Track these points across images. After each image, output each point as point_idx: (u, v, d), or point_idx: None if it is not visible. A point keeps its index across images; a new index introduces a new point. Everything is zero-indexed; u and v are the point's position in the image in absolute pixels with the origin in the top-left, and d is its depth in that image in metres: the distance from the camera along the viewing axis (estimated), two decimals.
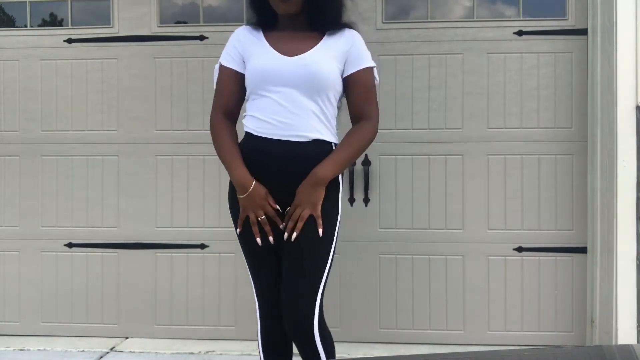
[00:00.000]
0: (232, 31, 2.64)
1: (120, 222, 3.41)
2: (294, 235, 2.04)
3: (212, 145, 3.50)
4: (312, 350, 2.06)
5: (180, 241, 3.39)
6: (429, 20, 3.30)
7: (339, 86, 2.12)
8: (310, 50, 2.09)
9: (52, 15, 3.50)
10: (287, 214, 2.07)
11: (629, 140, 2.96)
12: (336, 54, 2.10)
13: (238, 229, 2.14)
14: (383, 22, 3.30)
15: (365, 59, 2.15)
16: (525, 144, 3.26)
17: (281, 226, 2.08)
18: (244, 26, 2.23)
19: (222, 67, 2.18)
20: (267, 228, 2.06)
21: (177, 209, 3.39)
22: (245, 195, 2.05)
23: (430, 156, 3.29)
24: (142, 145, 3.40)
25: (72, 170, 3.43)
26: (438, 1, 3.32)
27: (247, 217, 2.09)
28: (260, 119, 2.08)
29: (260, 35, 2.15)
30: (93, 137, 3.42)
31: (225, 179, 3.31)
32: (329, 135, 2.12)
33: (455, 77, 3.28)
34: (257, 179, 2.06)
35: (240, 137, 2.18)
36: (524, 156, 3.26)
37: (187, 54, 3.37)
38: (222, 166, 3.30)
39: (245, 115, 2.17)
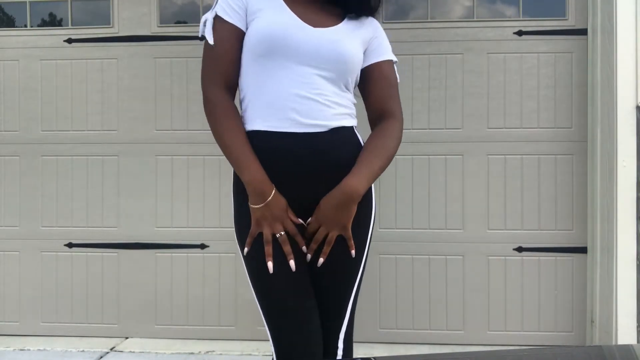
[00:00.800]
0: None
1: (120, 222, 3.41)
2: (320, 261, 1.64)
3: (212, 145, 3.51)
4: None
5: (180, 241, 3.39)
6: (429, 20, 3.30)
7: (357, 75, 1.76)
8: (336, 26, 1.70)
9: (52, 15, 3.50)
10: (307, 230, 1.66)
11: (629, 140, 2.96)
12: (360, 39, 1.73)
13: (246, 248, 1.66)
14: (383, 22, 3.29)
15: (389, 51, 1.81)
16: (525, 144, 3.26)
17: (304, 248, 1.66)
18: None
19: (220, 20, 1.66)
20: (287, 248, 1.61)
21: (177, 209, 3.39)
22: (262, 205, 1.60)
23: (430, 156, 3.29)
24: (142, 145, 3.40)
25: (72, 170, 3.43)
26: (438, 1, 3.32)
27: (260, 234, 1.64)
28: (266, 105, 1.64)
29: None
30: (93, 137, 3.42)
31: (226, 178, 3.34)
32: (350, 119, 1.72)
33: (455, 77, 3.28)
34: (276, 182, 1.64)
35: None
36: (524, 156, 3.26)
37: (187, 54, 3.37)
38: (222, 166, 3.34)
39: (242, 100, 1.72)
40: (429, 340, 3.29)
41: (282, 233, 1.62)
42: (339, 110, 1.68)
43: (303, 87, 1.63)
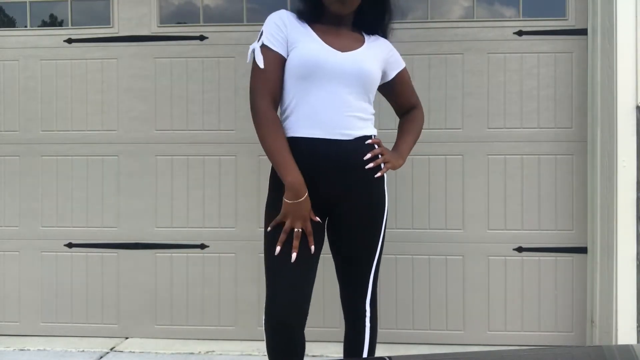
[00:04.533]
0: (232, 31, 2.62)
1: (120, 222, 3.41)
2: (370, 165, 2.06)
3: (211, 145, 3.51)
4: (361, 325, 2.17)
5: (180, 241, 3.39)
6: (429, 20, 3.30)
7: (376, 87, 2.18)
8: (360, 49, 2.09)
9: (52, 15, 3.50)
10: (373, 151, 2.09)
11: (629, 140, 2.96)
12: (379, 57, 2.15)
13: (269, 228, 2.03)
14: None
15: (402, 60, 2.30)
16: (526, 144, 3.26)
17: (312, 247, 2.01)
18: (284, 10, 2.11)
19: (266, 49, 2.03)
20: (296, 243, 1.97)
21: (177, 209, 3.39)
22: (294, 202, 1.96)
23: (430, 156, 3.29)
24: (142, 145, 3.40)
25: (72, 170, 3.43)
26: (438, 1, 3.32)
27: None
28: (304, 116, 2.01)
29: (305, 24, 2.08)
30: (93, 137, 3.42)
31: (226, 178, 3.34)
32: (371, 128, 2.13)
33: (455, 77, 3.28)
34: (307, 180, 1.99)
35: None
36: (524, 156, 3.26)
37: (187, 54, 3.37)
38: (222, 166, 3.34)
39: (283, 111, 2.09)
40: (429, 340, 3.29)
41: (300, 229, 1.97)
42: (363, 122, 2.08)
43: (334, 102, 2.01)
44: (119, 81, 3.41)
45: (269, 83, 2.02)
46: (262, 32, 2.07)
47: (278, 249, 1.98)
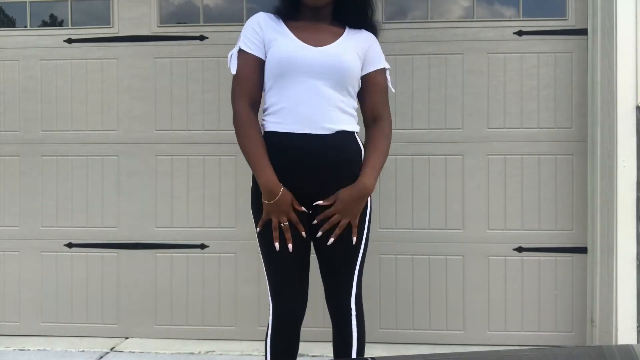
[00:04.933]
0: (232, 31, 2.63)
1: (120, 222, 3.41)
2: (331, 240, 2.06)
3: (211, 145, 3.51)
4: (347, 325, 2.16)
5: (180, 241, 3.39)
6: (429, 20, 3.30)
7: (358, 81, 2.14)
8: (335, 42, 2.10)
9: (52, 15, 3.50)
10: (323, 213, 2.06)
11: (629, 140, 2.96)
12: (358, 50, 2.12)
13: (258, 228, 2.11)
14: (383, 22, 3.30)
15: (382, 60, 2.19)
16: (525, 144, 3.26)
17: (314, 222, 2.07)
18: (262, 12, 2.17)
19: (243, 53, 2.11)
20: (288, 235, 2.05)
21: (177, 209, 3.39)
22: (272, 202, 2.02)
23: (430, 156, 3.29)
24: (142, 145, 3.40)
25: (72, 170, 3.43)
26: (438, 1, 3.32)
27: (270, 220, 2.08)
28: (286, 112, 2.05)
29: (281, 23, 2.12)
30: (93, 137, 3.42)
31: (226, 178, 3.34)
32: (352, 125, 2.12)
33: (455, 77, 3.28)
34: (287, 177, 2.04)
35: None
36: (524, 156, 3.26)
37: (187, 54, 3.37)
38: (222, 166, 3.34)
39: (266, 108, 2.14)
40: (429, 340, 3.29)
41: (286, 223, 2.04)
42: (343, 115, 2.08)
43: (311, 96, 2.04)
44: (119, 81, 3.41)
45: (245, 86, 2.09)
46: (239, 37, 2.15)
47: (277, 245, 2.05)
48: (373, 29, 2.23)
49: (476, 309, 3.28)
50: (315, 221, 2.08)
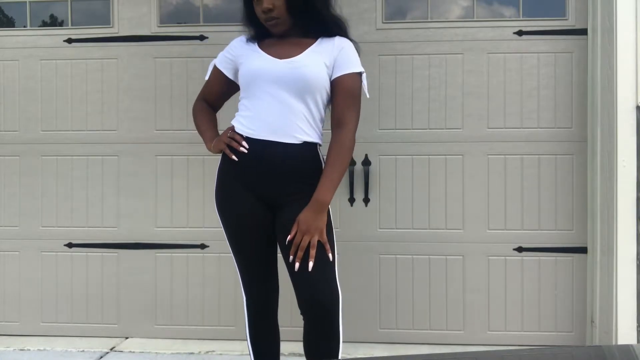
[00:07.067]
0: (232, 31, 2.65)
1: (120, 222, 3.41)
2: (311, 264, 2.08)
3: None
4: (333, 330, 2.12)
5: (180, 241, 3.39)
6: (429, 20, 3.30)
7: (327, 89, 2.19)
8: (301, 54, 2.17)
9: (51, 15, 3.50)
10: (293, 243, 2.10)
11: (629, 140, 2.96)
12: (326, 59, 2.16)
13: (227, 231, 2.29)
14: (383, 22, 3.30)
15: (352, 64, 2.18)
16: (526, 144, 3.26)
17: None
18: (239, 37, 2.35)
19: (215, 67, 2.37)
20: (238, 138, 2.18)
21: (177, 209, 3.39)
22: (215, 142, 2.28)
23: (430, 156, 3.29)
24: (142, 145, 3.40)
25: (72, 170, 3.43)
26: (438, 1, 3.32)
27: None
28: (251, 119, 2.18)
29: (254, 45, 2.27)
30: (93, 137, 3.42)
31: None
32: (316, 137, 2.20)
33: (455, 77, 3.27)
34: (246, 179, 2.18)
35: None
36: (524, 156, 3.26)
37: (187, 54, 3.37)
38: None
39: (236, 116, 2.28)
40: (429, 340, 3.29)
41: (229, 136, 2.21)
42: (307, 126, 2.16)
43: (275, 106, 2.14)
44: (119, 81, 3.41)
45: (206, 91, 2.43)
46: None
47: (244, 145, 2.17)
48: (338, 28, 2.23)
49: (476, 309, 3.28)
50: (291, 257, 2.11)
